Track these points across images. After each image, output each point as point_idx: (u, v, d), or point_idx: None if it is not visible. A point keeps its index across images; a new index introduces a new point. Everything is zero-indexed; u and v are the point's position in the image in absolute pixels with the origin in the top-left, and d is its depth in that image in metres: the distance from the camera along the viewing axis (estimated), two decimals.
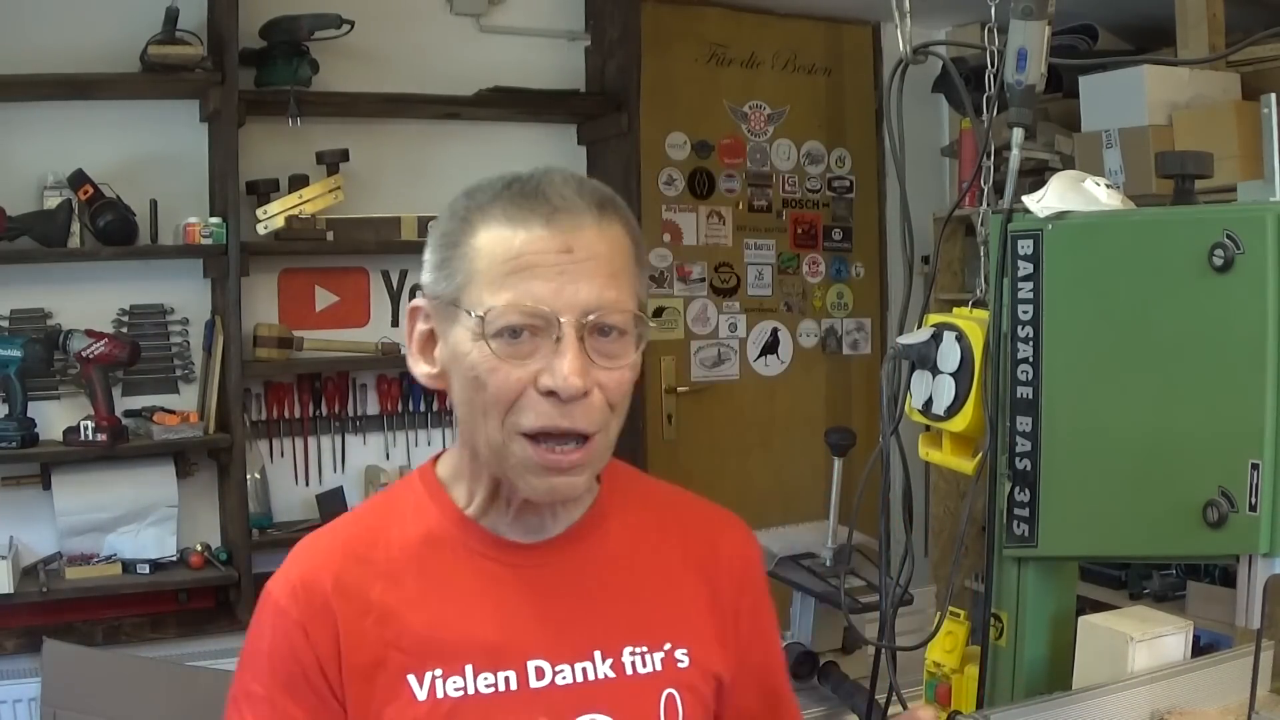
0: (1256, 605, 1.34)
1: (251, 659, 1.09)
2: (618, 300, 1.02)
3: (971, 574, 3.64)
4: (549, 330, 1.00)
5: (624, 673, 1.09)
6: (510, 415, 1.02)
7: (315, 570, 1.08)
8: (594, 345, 1.01)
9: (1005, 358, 1.49)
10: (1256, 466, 1.28)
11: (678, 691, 1.11)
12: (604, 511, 1.15)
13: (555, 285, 1.00)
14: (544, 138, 3.63)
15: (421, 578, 1.08)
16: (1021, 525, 1.49)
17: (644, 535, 1.16)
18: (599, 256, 1.02)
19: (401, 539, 1.10)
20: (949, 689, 1.64)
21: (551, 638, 1.08)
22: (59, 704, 2.56)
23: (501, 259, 1.02)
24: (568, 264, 1.01)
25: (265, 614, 1.08)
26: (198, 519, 3.15)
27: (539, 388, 1.00)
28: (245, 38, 3.04)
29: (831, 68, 4.31)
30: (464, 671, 1.05)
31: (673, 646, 1.12)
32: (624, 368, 1.04)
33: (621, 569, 1.14)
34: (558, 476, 1.03)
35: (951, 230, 3.91)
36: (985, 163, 1.62)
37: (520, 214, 1.02)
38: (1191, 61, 3.32)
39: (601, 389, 1.02)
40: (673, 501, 1.23)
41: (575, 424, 1.01)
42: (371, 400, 3.42)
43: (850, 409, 4.34)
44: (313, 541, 1.12)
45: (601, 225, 1.04)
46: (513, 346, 1.00)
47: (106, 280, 3.06)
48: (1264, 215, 1.29)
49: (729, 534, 1.22)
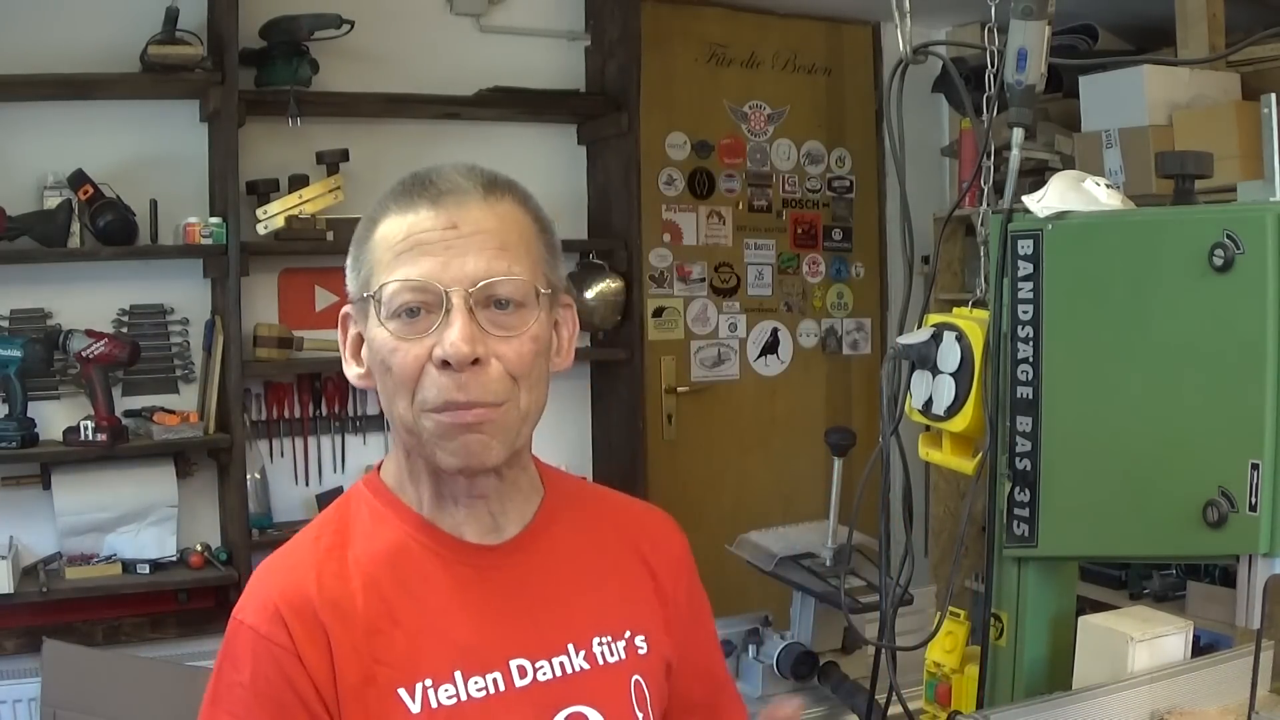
0: (1256, 605, 1.34)
1: (226, 693, 1.04)
2: (508, 271, 1.04)
3: (971, 574, 3.63)
4: (440, 304, 1.02)
5: (596, 663, 1.11)
6: (417, 394, 1.04)
7: (296, 588, 1.05)
8: (488, 317, 1.03)
9: (1005, 358, 1.49)
10: (1256, 466, 1.28)
11: (642, 677, 1.14)
12: (552, 512, 1.17)
13: (442, 260, 1.03)
14: (544, 138, 3.63)
15: (397, 587, 1.07)
16: (1021, 525, 1.49)
17: (590, 532, 1.19)
18: (487, 231, 1.05)
19: (369, 551, 1.09)
20: (949, 689, 1.65)
21: (526, 635, 1.09)
22: (59, 704, 2.56)
23: (394, 243, 1.05)
24: (453, 239, 1.04)
25: (241, 645, 1.04)
26: (198, 519, 3.15)
27: (434, 360, 1.02)
28: (245, 38, 3.04)
29: (831, 68, 4.31)
30: (453, 678, 1.05)
31: (632, 634, 1.15)
32: (522, 337, 1.05)
33: (577, 564, 1.16)
34: (466, 434, 1.04)
35: (951, 230, 3.91)
36: (985, 163, 1.62)
37: (410, 201, 1.06)
38: (1191, 61, 3.32)
39: (501, 360, 1.04)
40: (608, 500, 1.27)
41: (471, 395, 1.02)
42: (371, 400, 3.41)
43: (850, 409, 4.34)
44: (278, 563, 1.09)
45: (489, 202, 1.07)
46: (410, 325, 1.03)
47: (106, 280, 3.06)
48: (1264, 215, 1.29)
49: (660, 527, 1.25)
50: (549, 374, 1.10)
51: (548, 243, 1.11)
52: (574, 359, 1.17)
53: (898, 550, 1.64)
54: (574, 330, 1.15)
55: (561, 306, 1.13)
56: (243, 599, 1.08)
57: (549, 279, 1.09)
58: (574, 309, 1.15)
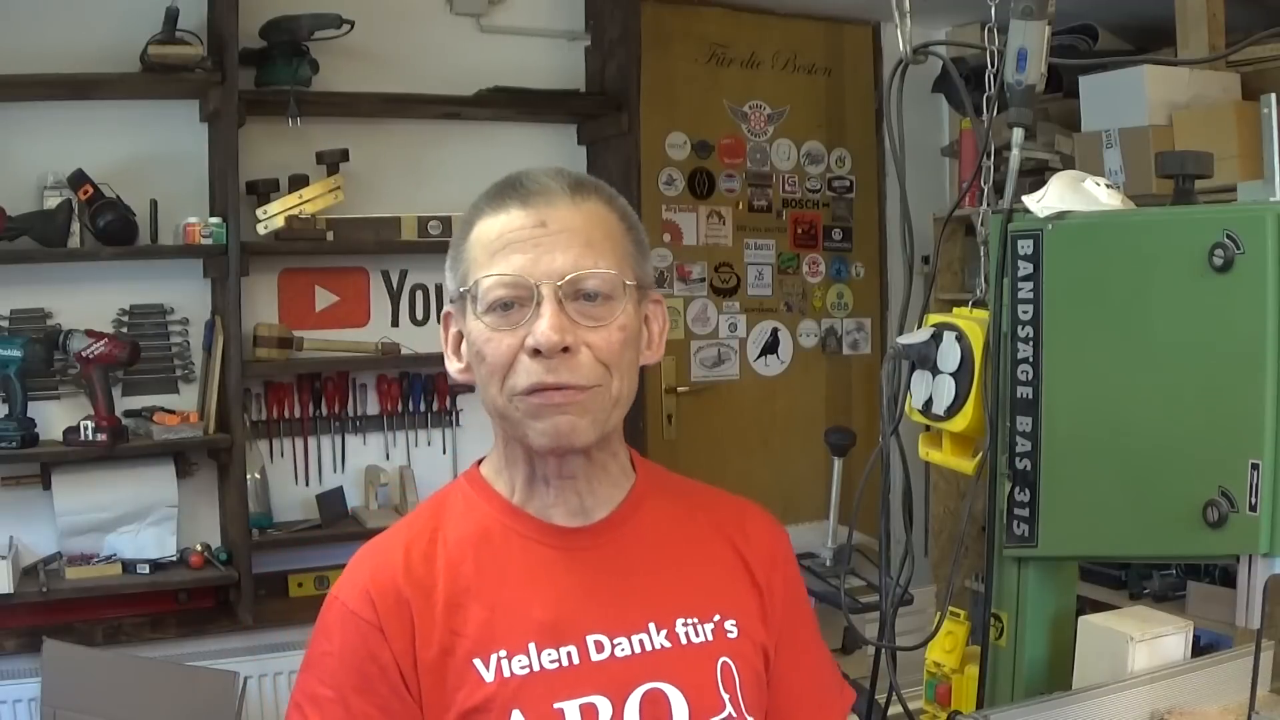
0: (1256, 605, 1.34)
1: (318, 661, 1.13)
2: (594, 265, 1.10)
3: (971, 574, 3.64)
4: (532, 298, 1.09)
5: (679, 642, 1.14)
6: (508, 380, 1.10)
7: (384, 568, 1.13)
8: (577, 308, 1.10)
9: (1005, 358, 1.49)
10: (1256, 466, 1.28)
11: (732, 660, 1.16)
12: (641, 498, 1.22)
13: (532, 256, 1.10)
14: (544, 138, 3.63)
15: (479, 566, 1.14)
16: (1021, 525, 1.49)
17: (680, 520, 1.23)
18: (573, 228, 1.11)
19: (457, 534, 1.16)
20: (949, 689, 1.65)
21: (606, 613, 1.13)
22: (59, 704, 2.56)
23: (487, 242, 1.12)
24: (542, 236, 1.10)
25: (333, 618, 1.13)
26: (198, 519, 3.15)
27: (525, 349, 1.09)
28: (245, 38, 3.04)
29: (831, 68, 4.31)
30: (527, 650, 1.10)
31: (722, 617, 1.17)
32: (610, 327, 1.11)
33: (664, 548, 1.19)
34: (557, 415, 1.10)
35: (951, 230, 3.91)
36: (985, 163, 1.62)
37: (502, 203, 1.13)
38: (1191, 61, 3.32)
39: (591, 348, 1.10)
40: (701, 492, 1.29)
41: (561, 378, 1.08)
42: (371, 400, 3.41)
43: (850, 409, 4.34)
44: (375, 546, 1.18)
45: (575, 201, 1.13)
46: (504, 317, 1.10)
47: (106, 280, 3.06)
48: (1264, 215, 1.29)
49: (755, 520, 1.28)
50: (639, 364, 1.17)
51: (635, 240, 1.17)
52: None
53: (898, 550, 1.64)
54: (664, 325, 1.22)
55: (651, 301, 1.19)
56: (340, 579, 1.16)
57: (636, 274, 1.15)
58: (664, 305, 1.22)
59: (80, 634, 2.89)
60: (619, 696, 1.10)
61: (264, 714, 3.06)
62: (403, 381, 3.42)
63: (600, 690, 1.09)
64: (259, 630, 3.06)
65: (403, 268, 3.44)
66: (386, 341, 3.32)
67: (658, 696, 1.11)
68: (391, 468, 3.40)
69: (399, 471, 3.38)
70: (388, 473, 3.39)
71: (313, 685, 1.12)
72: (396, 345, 3.33)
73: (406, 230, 3.33)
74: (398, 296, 3.44)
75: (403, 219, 3.34)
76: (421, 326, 3.47)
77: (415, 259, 3.43)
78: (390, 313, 3.43)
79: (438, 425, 3.47)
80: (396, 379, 3.42)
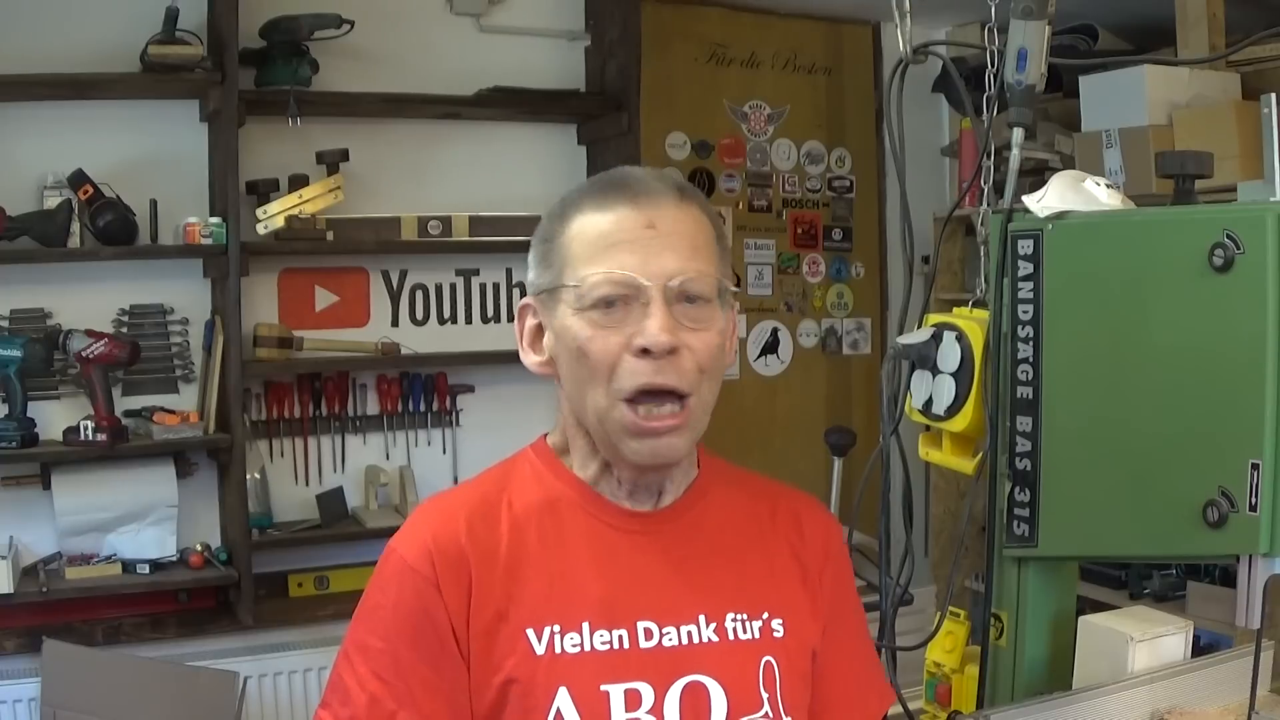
0: (1256, 605, 1.34)
1: (371, 613, 1.13)
2: (700, 269, 1.12)
3: (971, 574, 3.64)
4: (638, 297, 1.09)
5: (726, 638, 1.15)
6: (612, 381, 1.10)
7: (447, 526, 1.14)
8: (681, 311, 1.10)
9: (1005, 358, 1.50)
10: (1256, 466, 1.28)
11: (775, 660, 1.16)
12: (704, 488, 1.23)
13: (641, 257, 1.10)
14: (544, 138, 3.62)
15: (541, 535, 1.15)
16: (1021, 525, 1.49)
17: (740, 511, 1.24)
18: (680, 232, 1.12)
19: (524, 501, 1.17)
20: (949, 689, 1.65)
21: (659, 600, 1.14)
22: (59, 704, 2.56)
23: (593, 239, 1.12)
24: (651, 238, 1.11)
25: (390, 571, 1.13)
26: (198, 519, 3.15)
27: (632, 349, 1.09)
28: (245, 38, 3.04)
29: (831, 68, 4.31)
30: (580, 628, 1.11)
31: (770, 616, 1.18)
32: (710, 330, 1.12)
33: (723, 540, 1.20)
34: (658, 439, 1.10)
35: (951, 230, 3.91)
36: (985, 163, 1.62)
37: (607, 200, 1.14)
38: (1191, 61, 3.32)
39: (691, 352, 1.10)
40: (762, 484, 1.30)
41: (668, 380, 1.09)
42: (371, 400, 3.41)
43: (850, 409, 4.34)
44: (438, 503, 1.19)
45: (681, 205, 1.14)
46: (608, 315, 1.10)
47: (106, 280, 3.06)
48: (1264, 215, 1.29)
49: (811, 513, 1.28)
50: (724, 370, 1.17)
51: (723, 247, 1.18)
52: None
53: (898, 550, 1.64)
54: (735, 332, 1.21)
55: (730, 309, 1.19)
56: (400, 532, 1.16)
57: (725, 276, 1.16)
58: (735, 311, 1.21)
59: (80, 634, 2.89)
60: (662, 685, 1.11)
61: (264, 714, 3.06)
62: (403, 381, 3.42)
63: (645, 677, 1.10)
64: (259, 630, 3.06)
65: (403, 268, 3.44)
66: (386, 341, 3.32)
67: (698, 689, 1.12)
68: (391, 468, 3.40)
69: (399, 471, 3.38)
70: (388, 473, 3.39)
71: (363, 635, 1.12)
72: (396, 345, 3.33)
73: (406, 230, 3.33)
74: (398, 296, 3.44)
75: (403, 219, 3.34)
76: (421, 326, 3.47)
77: (415, 259, 3.43)
78: (390, 313, 3.43)
79: (438, 425, 3.47)
80: (396, 379, 3.41)
